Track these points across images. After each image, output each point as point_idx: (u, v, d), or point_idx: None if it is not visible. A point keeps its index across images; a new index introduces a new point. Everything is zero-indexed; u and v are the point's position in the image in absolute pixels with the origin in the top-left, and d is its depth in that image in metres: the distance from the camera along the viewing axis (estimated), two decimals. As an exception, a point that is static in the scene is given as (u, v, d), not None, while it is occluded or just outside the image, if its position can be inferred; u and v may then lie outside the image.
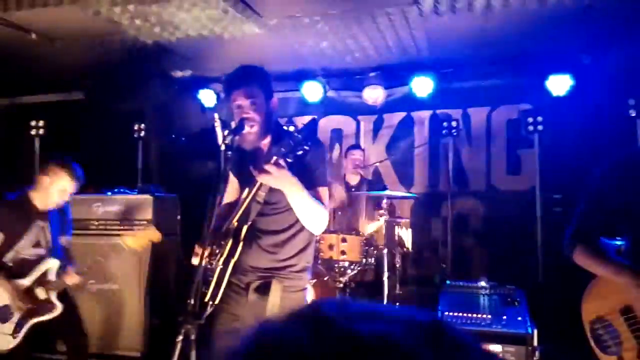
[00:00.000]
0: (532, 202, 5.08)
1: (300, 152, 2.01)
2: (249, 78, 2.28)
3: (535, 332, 3.14)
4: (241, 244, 2.21)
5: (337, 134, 6.22)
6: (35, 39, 4.71)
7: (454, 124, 5.29)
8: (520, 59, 5.25)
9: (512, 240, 5.19)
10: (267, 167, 2.00)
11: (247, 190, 2.23)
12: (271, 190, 2.20)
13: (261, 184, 2.17)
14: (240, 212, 2.22)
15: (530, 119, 5.06)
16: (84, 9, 4.08)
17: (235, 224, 2.23)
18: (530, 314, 3.38)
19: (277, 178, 2.03)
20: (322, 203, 2.20)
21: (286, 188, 2.09)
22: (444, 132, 5.32)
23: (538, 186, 5.08)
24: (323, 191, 2.23)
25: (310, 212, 2.16)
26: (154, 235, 3.02)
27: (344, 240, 4.22)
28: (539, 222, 5.00)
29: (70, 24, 4.46)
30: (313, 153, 2.13)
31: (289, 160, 2.02)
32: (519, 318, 3.31)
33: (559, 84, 5.11)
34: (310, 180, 2.17)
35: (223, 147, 2.27)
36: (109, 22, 4.33)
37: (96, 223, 4.30)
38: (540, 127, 5.02)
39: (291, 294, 2.25)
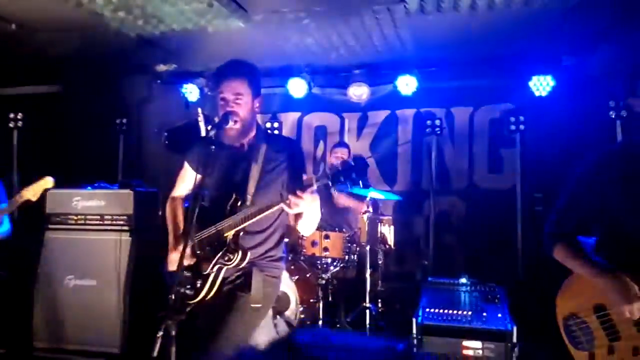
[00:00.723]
0: (513, 201, 5.14)
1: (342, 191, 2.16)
2: (238, 73, 2.29)
3: (515, 328, 3.18)
4: (244, 252, 2.27)
5: (321, 131, 6.22)
6: (15, 29, 4.62)
7: (437, 122, 5.32)
8: (504, 59, 5.31)
9: (493, 238, 5.25)
10: (299, 193, 2.06)
11: (233, 199, 2.25)
12: (256, 196, 2.25)
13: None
14: (231, 221, 2.23)
15: (513, 119, 5.12)
16: (65, 1, 4.00)
17: (232, 233, 2.24)
18: (510, 311, 3.42)
19: (306, 201, 2.09)
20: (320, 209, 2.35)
21: (310, 210, 2.23)
22: (427, 130, 5.35)
23: (519, 185, 5.14)
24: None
25: (314, 220, 2.32)
26: (48, 183, 3.66)
27: (326, 237, 4.23)
28: (520, 220, 5.06)
29: (52, 15, 4.38)
30: (300, 156, 2.39)
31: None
32: (499, 315, 3.35)
33: (541, 85, 5.17)
34: (299, 182, 2.23)
35: (202, 140, 2.28)
36: (91, 13, 4.26)
37: (75, 218, 4.22)
38: (522, 127, 5.08)
39: (269, 278, 2.35)
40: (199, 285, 2.26)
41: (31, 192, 3.64)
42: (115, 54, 5.36)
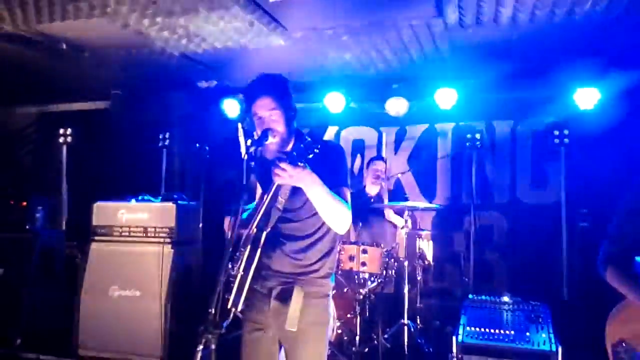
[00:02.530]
0: (558, 217, 4.99)
1: (310, 155, 2.04)
2: (267, 88, 2.27)
3: (560, 349, 3.07)
4: (259, 250, 2.21)
5: (359, 145, 6.22)
6: (66, 49, 4.84)
7: (477, 136, 5.24)
8: (547, 71, 5.19)
9: (536, 255, 5.10)
10: (282, 165, 2.02)
11: (266, 196, 2.24)
12: (292, 196, 2.21)
13: (278, 189, 2.19)
14: (259, 218, 2.23)
15: (557, 132, 4.99)
16: (113, 21, 4.18)
17: (254, 230, 2.23)
18: (554, 331, 3.31)
19: (294, 176, 2.04)
20: (346, 201, 2.20)
21: (305, 185, 2.09)
22: (467, 144, 5.28)
23: (564, 200, 4.99)
24: (344, 191, 2.23)
25: (333, 209, 2.14)
26: None
27: (364, 251, 4.20)
28: (565, 236, 4.90)
29: (100, 35, 4.57)
30: (330, 156, 2.17)
31: (301, 163, 2.04)
32: (543, 335, 3.24)
33: (587, 97, 5.02)
34: (331, 180, 2.17)
35: (245, 157, 2.29)
36: (137, 33, 4.42)
37: (120, 230, 4.36)
38: (566, 140, 4.95)
39: (313, 300, 2.23)
40: (231, 287, 2.21)
41: None
42: (159, 71, 5.54)
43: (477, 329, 3.27)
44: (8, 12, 4.07)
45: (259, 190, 2.50)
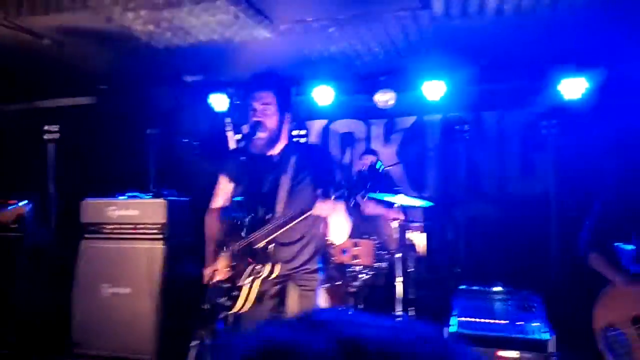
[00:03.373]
0: (547, 206, 5.03)
1: (352, 202, 2.15)
2: (266, 84, 2.33)
3: (554, 337, 3.10)
4: (280, 264, 2.29)
5: (348, 138, 6.21)
6: (49, 44, 4.75)
7: (465, 127, 5.26)
8: (534, 61, 5.22)
9: (526, 245, 5.14)
10: (327, 203, 2.11)
11: (263, 210, 2.26)
12: (288, 205, 2.25)
13: (277, 200, 2.23)
14: (264, 231, 2.24)
15: (544, 122, 5.02)
16: (96, 15, 4.11)
17: (264, 244, 2.24)
18: (547, 319, 3.34)
19: (332, 212, 2.15)
20: (350, 217, 2.34)
21: (334, 216, 2.23)
22: (456, 135, 5.29)
23: (552, 190, 5.03)
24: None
25: (344, 229, 2.31)
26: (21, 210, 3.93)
27: (356, 244, 4.20)
28: (554, 226, 4.95)
29: (83, 29, 4.50)
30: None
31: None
32: (536, 323, 3.27)
33: (573, 87, 5.06)
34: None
35: (233, 150, 2.30)
36: (121, 27, 4.35)
37: (110, 227, 4.31)
38: (554, 131, 4.98)
39: (305, 292, 2.35)
40: (235, 295, 2.27)
41: (5, 216, 3.86)
42: (144, 65, 5.47)
43: (470, 319, 3.29)
44: (-12, 6, 3.99)
45: (225, 183, 2.49)
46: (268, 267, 2.24)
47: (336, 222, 2.27)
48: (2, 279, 4.47)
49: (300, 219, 2.20)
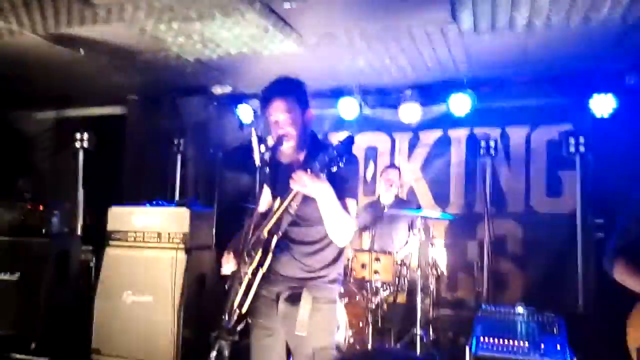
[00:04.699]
0: (573, 226, 4.92)
1: (334, 169, 2.03)
2: (284, 92, 2.29)
3: (575, 361, 3.02)
4: (270, 254, 2.22)
5: (371, 152, 6.21)
6: (83, 54, 4.90)
7: (492, 143, 5.21)
8: (562, 77, 5.15)
9: (551, 266, 5.03)
10: (302, 175, 2.04)
11: (279, 200, 2.24)
12: (303, 203, 2.21)
13: (294, 195, 2.19)
14: (272, 222, 2.23)
15: (572, 140, 4.93)
16: (130, 27, 4.22)
17: (266, 234, 2.24)
18: (569, 342, 3.26)
19: (311, 186, 2.06)
20: (350, 214, 2.21)
21: (319, 196, 2.11)
22: (481, 151, 5.24)
23: (579, 209, 4.92)
24: (351, 203, 2.24)
25: (339, 222, 2.17)
26: None
27: (377, 259, 4.18)
28: (580, 246, 4.83)
29: (117, 40, 4.63)
30: (346, 166, 2.14)
31: (322, 175, 2.05)
32: (558, 347, 3.19)
33: (603, 105, 4.96)
34: (339, 191, 2.18)
35: (259, 163, 2.31)
36: (153, 39, 4.47)
37: (134, 235, 4.39)
38: (582, 149, 4.88)
39: (321, 305, 2.24)
40: (237, 289, 2.23)
41: None
42: (174, 76, 5.59)
43: (491, 340, 3.23)
44: (27, 17, 4.13)
45: (266, 193, 2.50)
46: (259, 255, 2.19)
47: (326, 211, 2.14)
48: (29, 283, 4.58)
49: (289, 198, 2.17)
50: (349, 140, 2.03)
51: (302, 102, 2.32)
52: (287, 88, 2.31)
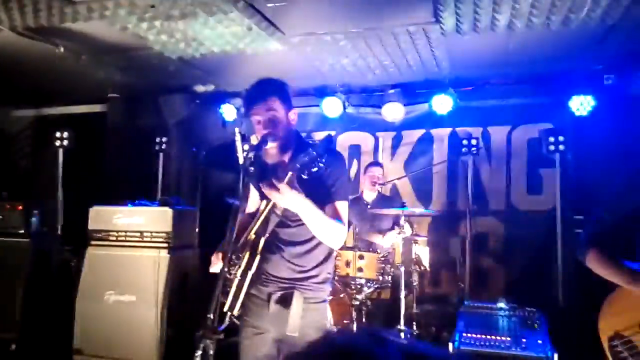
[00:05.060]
0: (553, 223, 5.01)
1: (315, 169, 2.00)
2: (267, 92, 2.27)
3: (556, 356, 3.08)
4: (258, 256, 2.21)
5: (355, 150, 6.23)
6: (63, 52, 4.83)
7: (473, 142, 5.27)
8: (543, 78, 5.24)
9: (532, 262, 5.12)
10: (277, 185, 2.01)
11: (264, 202, 2.24)
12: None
13: None
14: (258, 224, 2.23)
15: (552, 139, 5.02)
16: (111, 25, 4.17)
17: (253, 235, 2.23)
18: (550, 337, 3.32)
19: (286, 198, 2.03)
20: (339, 219, 2.19)
21: (295, 208, 2.09)
22: (463, 150, 5.30)
23: (559, 207, 5.01)
24: (340, 205, 2.22)
25: (323, 230, 2.16)
26: None
27: (361, 257, 4.21)
28: (560, 243, 4.93)
29: (97, 38, 4.57)
30: (330, 167, 2.12)
31: (304, 176, 2.01)
32: (539, 341, 3.25)
33: (582, 104, 5.07)
34: (326, 194, 2.17)
35: (244, 162, 2.29)
36: (135, 37, 4.42)
37: (116, 234, 4.35)
38: (561, 147, 4.98)
39: (312, 305, 2.25)
40: (227, 291, 2.22)
41: None
42: (156, 75, 5.54)
43: (474, 335, 3.28)
44: (6, 13, 4.06)
45: (254, 193, 2.49)
46: (247, 256, 2.18)
47: (306, 217, 2.12)
48: (8, 284, 4.51)
49: (267, 206, 2.15)
50: (328, 139, 2.02)
51: (286, 103, 2.31)
52: (270, 88, 2.30)
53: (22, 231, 4.70)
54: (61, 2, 3.84)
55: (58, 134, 5.74)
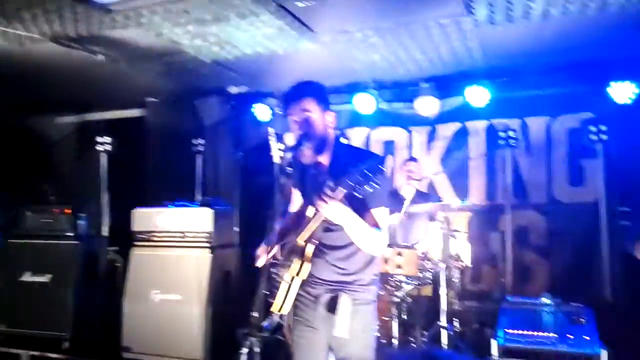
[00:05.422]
0: (597, 215, 4.87)
1: (366, 188, 2.01)
2: (303, 93, 2.33)
3: (605, 352, 3.00)
4: (308, 263, 2.25)
5: (389, 146, 6.20)
6: (103, 59, 4.98)
7: (511, 134, 5.16)
8: (581, 66, 5.08)
9: (575, 255, 4.99)
10: (328, 200, 2.06)
11: (312, 210, 2.24)
12: None
13: None
14: (307, 231, 2.24)
15: (593, 128, 4.87)
16: (147, 31, 4.28)
17: (302, 243, 2.25)
18: (598, 333, 3.23)
19: (333, 212, 2.08)
20: (379, 226, 2.22)
21: (340, 220, 2.14)
22: (501, 142, 5.20)
23: (603, 198, 4.86)
24: (381, 212, 2.24)
25: (365, 239, 2.20)
26: None
27: (399, 254, 4.19)
28: (605, 236, 4.78)
29: (134, 45, 4.70)
30: (381, 186, 2.14)
31: (355, 194, 2.04)
32: (586, 337, 3.17)
33: (623, 92, 4.89)
34: (367, 202, 2.19)
35: (281, 162, 2.33)
36: (170, 42, 4.52)
37: (159, 235, 4.46)
38: (604, 137, 4.82)
39: (360, 306, 2.27)
40: (275, 293, 2.28)
41: None
42: (192, 78, 5.65)
43: (518, 332, 3.22)
44: (48, 24, 4.22)
45: (296, 193, 2.53)
46: (297, 264, 2.22)
47: (350, 229, 2.17)
48: (59, 284, 4.69)
49: (318, 218, 2.17)
50: (381, 160, 2.02)
51: (322, 104, 2.35)
52: (307, 90, 2.35)
53: (71, 234, 4.87)
54: (99, 11, 3.96)
55: (100, 139, 5.91)
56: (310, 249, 2.24)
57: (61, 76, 5.55)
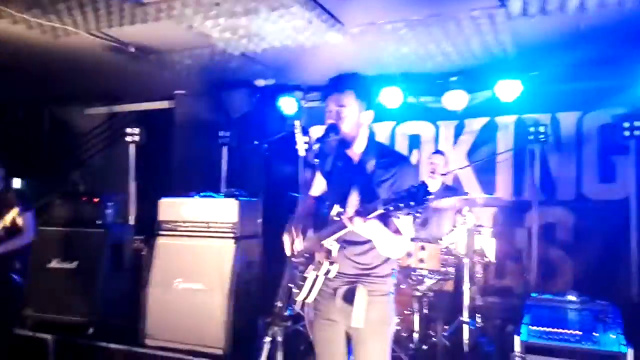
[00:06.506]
0: (627, 212, 4.76)
1: (407, 211, 1.92)
2: (344, 84, 2.30)
3: (631, 351, 2.94)
4: (336, 264, 2.25)
5: (415, 140, 6.15)
6: (134, 52, 5.07)
7: (541, 129, 5.07)
8: (615, 60, 4.94)
9: (603, 253, 4.89)
10: (365, 220, 2.00)
11: (335, 208, 2.20)
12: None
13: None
14: (337, 235, 2.23)
15: (627, 124, 4.75)
16: (178, 24, 4.34)
17: (331, 245, 2.25)
18: (625, 331, 3.17)
19: (366, 229, 2.06)
20: (400, 232, 2.19)
21: (370, 235, 2.14)
22: (530, 137, 5.11)
23: (634, 195, 4.75)
24: (404, 219, 2.18)
25: (387, 246, 2.20)
26: (14, 212, 3.93)
27: (422, 248, 4.16)
28: (634, 234, 4.67)
29: (165, 37, 4.77)
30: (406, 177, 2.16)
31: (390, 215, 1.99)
32: (612, 336, 3.11)
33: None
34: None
35: (303, 152, 2.33)
36: (200, 35, 4.57)
37: (184, 225, 4.53)
38: (637, 133, 4.70)
39: (376, 297, 2.28)
40: (300, 285, 2.30)
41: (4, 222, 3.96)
42: (220, 71, 5.71)
43: (542, 328, 3.18)
44: (82, 17, 4.31)
45: (320, 178, 2.53)
46: (326, 265, 2.23)
47: (379, 241, 2.17)
48: (86, 271, 4.82)
49: (344, 229, 2.14)
50: (426, 190, 1.86)
51: (362, 100, 2.31)
52: (349, 82, 2.31)
53: (98, 222, 5.00)
54: (132, 4, 4.03)
55: (129, 130, 6.04)
56: (335, 249, 2.25)
57: (92, 68, 5.67)
